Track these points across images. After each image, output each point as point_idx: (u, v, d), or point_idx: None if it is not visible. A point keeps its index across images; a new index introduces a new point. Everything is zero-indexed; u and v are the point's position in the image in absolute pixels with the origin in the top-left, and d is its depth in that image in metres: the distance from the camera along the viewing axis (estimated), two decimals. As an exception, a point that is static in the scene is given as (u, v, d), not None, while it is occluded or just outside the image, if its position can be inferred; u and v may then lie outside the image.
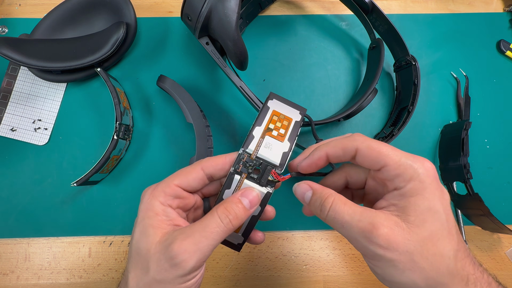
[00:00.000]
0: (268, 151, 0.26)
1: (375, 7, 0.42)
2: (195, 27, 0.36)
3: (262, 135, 0.26)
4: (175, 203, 0.26)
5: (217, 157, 0.27)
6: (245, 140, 0.26)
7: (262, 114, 0.27)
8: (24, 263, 0.40)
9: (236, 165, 0.26)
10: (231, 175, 0.26)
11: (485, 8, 0.49)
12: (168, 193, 0.25)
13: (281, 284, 0.41)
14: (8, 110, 0.43)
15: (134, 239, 0.25)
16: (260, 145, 0.26)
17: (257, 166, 0.26)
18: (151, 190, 0.26)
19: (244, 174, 0.26)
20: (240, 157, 0.26)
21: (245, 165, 0.26)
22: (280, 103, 0.28)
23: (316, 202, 0.24)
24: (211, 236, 0.23)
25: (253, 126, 0.27)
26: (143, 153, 0.43)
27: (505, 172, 0.44)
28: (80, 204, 0.42)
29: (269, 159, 0.26)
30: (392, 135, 0.40)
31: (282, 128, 0.27)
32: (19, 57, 0.38)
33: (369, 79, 0.42)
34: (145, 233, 0.24)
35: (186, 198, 0.27)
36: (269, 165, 0.26)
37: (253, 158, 0.26)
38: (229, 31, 0.34)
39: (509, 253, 0.42)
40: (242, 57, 0.36)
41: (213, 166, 0.26)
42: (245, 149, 0.26)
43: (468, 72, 0.46)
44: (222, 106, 0.45)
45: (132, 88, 0.45)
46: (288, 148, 0.26)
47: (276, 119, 0.27)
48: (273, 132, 0.27)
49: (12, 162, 0.42)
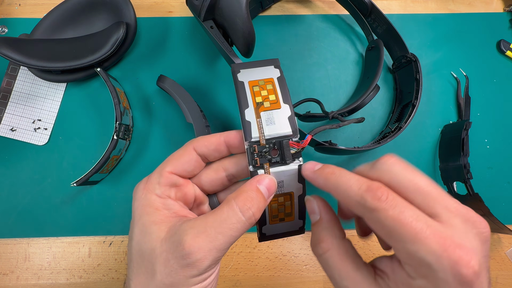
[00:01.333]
0: (272, 126, 0.23)
1: (374, 7, 0.42)
2: (202, 6, 0.35)
3: (256, 114, 0.23)
4: (173, 193, 0.23)
5: (210, 136, 0.24)
6: (243, 130, 0.23)
7: (241, 93, 0.23)
8: (24, 263, 0.40)
9: (252, 161, 0.22)
10: (253, 173, 0.22)
11: (485, 8, 0.49)
12: (163, 183, 0.23)
13: (281, 284, 0.41)
14: (8, 110, 0.43)
15: (133, 241, 0.22)
16: (262, 126, 0.23)
17: (272, 148, 0.23)
18: (143, 184, 0.23)
19: (266, 164, 0.22)
20: (250, 151, 0.22)
21: (261, 155, 0.22)
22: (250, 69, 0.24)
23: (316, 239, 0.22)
24: (229, 233, 0.20)
25: (241, 111, 0.23)
26: (143, 153, 0.43)
27: (505, 172, 0.44)
28: (80, 204, 0.41)
29: (279, 133, 0.23)
30: (400, 127, 0.40)
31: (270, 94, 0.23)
32: (19, 57, 0.38)
33: (369, 77, 0.42)
34: (147, 231, 0.21)
35: (184, 186, 0.24)
36: (283, 139, 0.23)
37: (263, 143, 0.22)
38: (239, 8, 0.33)
39: (509, 253, 0.42)
40: (250, 38, 0.35)
41: (206, 146, 0.24)
42: (249, 140, 0.22)
43: (468, 72, 0.46)
44: (222, 106, 0.45)
45: (132, 88, 0.45)
46: (290, 110, 0.23)
47: (259, 89, 0.23)
48: (265, 104, 0.23)
49: (12, 162, 0.42)
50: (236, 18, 0.34)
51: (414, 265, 0.17)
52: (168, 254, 0.20)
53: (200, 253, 0.19)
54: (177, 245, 0.19)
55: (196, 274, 0.20)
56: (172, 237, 0.20)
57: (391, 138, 0.39)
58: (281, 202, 0.24)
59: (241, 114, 0.23)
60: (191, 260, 0.19)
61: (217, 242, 0.19)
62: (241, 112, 0.23)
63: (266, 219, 0.24)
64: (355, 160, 0.44)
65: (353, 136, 0.44)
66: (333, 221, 0.22)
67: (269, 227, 0.24)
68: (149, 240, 0.21)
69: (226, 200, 0.21)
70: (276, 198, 0.23)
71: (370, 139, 0.44)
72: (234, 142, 0.24)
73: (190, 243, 0.19)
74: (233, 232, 0.20)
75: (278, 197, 0.23)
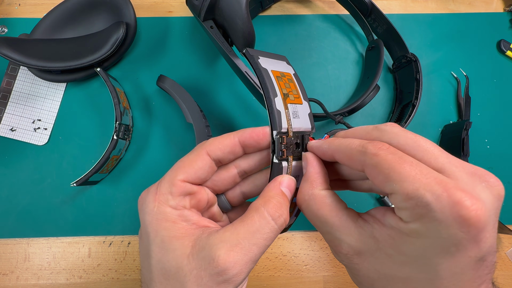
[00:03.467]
0: (297, 120, 0.22)
1: (374, 7, 0.42)
2: (202, 6, 0.35)
3: (285, 105, 0.22)
4: (188, 202, 0.21)
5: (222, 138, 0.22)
6: (271, 120, 0.21)
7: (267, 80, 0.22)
8: (24, 263, 0.40)
9: (278, 152, 0.21)
10: (278, 165, 0.21)
11: (485, 8, 0.49)
12: (176, 193, 0.21)
13: (281, 284, 0.41)
14: (7, 110, 0.43)
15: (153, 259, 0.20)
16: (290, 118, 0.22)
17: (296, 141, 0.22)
18: (153, 195, 0.21)
19: (290, 157, 0.22)
20: (279, 141, 0.21)
21: (288, 147, 0.22)
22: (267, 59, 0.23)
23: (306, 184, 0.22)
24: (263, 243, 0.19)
25: (268, 99, 0.21)
26: (143, 153, 0.43)
27: (505, 172, 0.44)
28: (79, 204, 0.41)
29: (303, 127, 0.22)
30: None
31: (292, 88, 0.23)
32: (19, 57, 0.38)
33: (369, 77, 0.42)
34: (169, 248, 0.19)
35: (198, 193, 0.22)
36: (305, 134, 0.23)
37: (291, 135, 0.22)
38: (239, 8, 0.33)
39: (509, 253, 0.42)
40: (250, 38, 0.35)
41: (220, 150, 0.22)
42: (279, 129, 0.21)
43: (468, 72, 0.46)
44: (222, 106, 0.45)
45: (132, 88, 0.45)
46: (309, 108, 0.23)
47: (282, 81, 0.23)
48: (290, 97, 0.22)
49: (11, 162, 0.42)
50: (236, 18, 0.34)
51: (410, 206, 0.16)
52: (199, 272, 0.18)
53: (236, 268, 0.18)
54: (209, 261, 0.18)
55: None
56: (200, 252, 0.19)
57: (391, 138, 0.39)
58: None
59: (268, 102, 0.21)
60: (228, 276, 0.18)
61: (252, 254, 0.18)
62: (269, 100, 0.21)
63: None
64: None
65: (353, 136, 0.44)
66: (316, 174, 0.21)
67: None
68: (173, 257, 0.19)
69: (254, 207, 0.20)
70: None
71: (370, 139, 0.44)
72: (250, 141, 0.22)
73: (224, 259, 0.18)
74: (268, 241, 0.19)
75: None
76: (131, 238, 0.41)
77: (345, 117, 0.43)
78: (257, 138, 0.22)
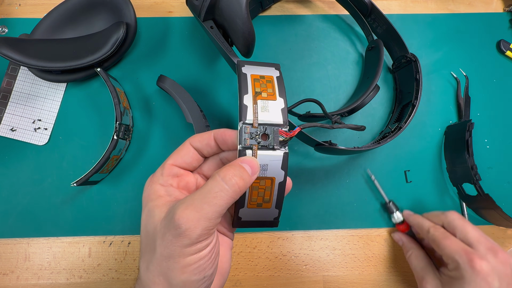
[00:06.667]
0: (266, 114, 0.25)
1: (374, 7, 0.42)
2: (202, 6, 0.35)
3: (254, 100, 0.25)
4: (176, 182, 0.26)
5: (204, 133, 0.27)
6: (239, 113, 0.24)
7: (243, 82, 0.25)
8: (24, 263, 0.40)
9: (242, 141, 0.24)
10: (241, 152, 0.24)
11: (485, 8, 0.49)
12: (165, 174, 0.26)
13: (281, 284, 0.41)
14: (8, 110, 0.43)
15: (142, 225, 0.25)
16: (257, 111, 0.25)
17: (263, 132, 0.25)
18: (150, 177, 0.26)
19: (255, 146, 0.24)
20: (242, 131, 0.24)
21: (251, 136, 0.24)
22: (253, 66, 0.27)
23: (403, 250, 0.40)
24: (213, 201, 0.22)
25: (240, 96, 0.25)
26: (143, 153, 0.43)
27: (505, 172, 0.44)
28: (80, 204, 0.42)
29: (272, 120, 0.25)
30: (400, 128, 0.40)
31: (268, 87, 0.26)
32: (19, 57, 0.38)
33: (369, 77, 0.42)
34: (151, 214, 0.24)
35: (185, 175, 0.27)
36: (274, 126, 0.25)
37: (256, 126, 0.24)
38: (239, 9, 0.33)
39: (509, 253, 0.42)
40: (250, 38, 0.35)
41: (199, 141, 0.26)
42: (244, 121, 0.24)
43: (468, 72, 0.46)
44: (222, 106, 0.45)
45: (132, 88, 0.45)
46: (284, 103, 0.25)
47: (259, 82, 0.26)
48: (262, 94, 0.25)
49: (12, 162, 0.42)
50: (236, 18, 0.34)
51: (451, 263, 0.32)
52: (164, 229, 0.22)
53: (188, 223, 0.21)
54: (170, 219, 0.22)
55: (188, 243, 0.21)
56: (168, 215, 0.23)
57: (391, 138, 0.39)
58: (262, 186, 0.25)
59: (240, 98, 0.25)
60: (182, 230, 0.21)
61: (203, 211, 0.21)
62: (240, 97, 0.25)
63: (245, 201, 0.25)
64: (355, 160, 0.44)
65: (353, 136, 0.44)
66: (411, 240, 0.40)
67: (246, 211, 0.26)
68: (152, 221, 0.23)
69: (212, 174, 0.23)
70: (258, 180, 0.25)
71: (370, 139, 0.44)
72: (219, 137, 0.26)
73: (179, 215, 0.21)
74: (217, 200, 0.22)
75: (260, 179, 0.25)
76: (131, 238, 0.41)
77: (345, 117, 0.43)
78: (224, 136, 0.26)
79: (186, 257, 0.22)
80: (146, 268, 0.23)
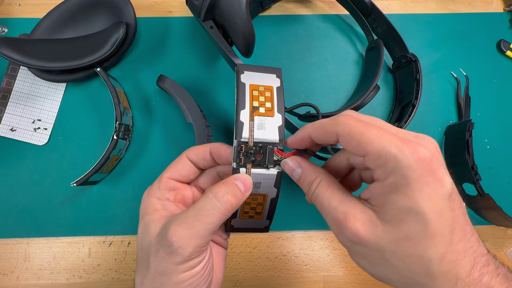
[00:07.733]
0: (263, 131, 0.24)
1: (374, 7, 0.42)
2: (202, 6, 0.35)
3: (251, 117, 0.24)
4: (172, 196, 0.26)
5: (200, 146, 0.27)
6: (235, 129, 0.24)
7: (241, 95, 0.25)
8: (24, 263, 0.40)
9: (237, 159, 0.24)
10: (235, 170, 0.24)
11: (485, 8, 0.49)
12: (162, 187, 0.26)
13: (281, 284, 0.41)
14: (7, 110, 0.43)
15: (138, 239, 0.25)
16: (253, 129, 0.24)
17: (258, 151, 0.24)
18: (148, 190, 0.26)
19: (249, 165, 0.24)
20: (238, 149, 0.24)
21: (246, 155, 0.24)
22: (253, 73, 0.26)
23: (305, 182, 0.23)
24: (205, 219, 0.22)
25: (236, 111, 0.24)
26: (143, 153, 0.43)
27: (505, 172, 0.44)
28: (80, 204, 0.41)
29: (267, 139, 0.24)
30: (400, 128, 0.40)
31: (267, 101, 0.25)
32: (19, 57, 0.38)
33: (369, 77, 0.42)
34: (146, 228, 0.24)
35: (182, 189, 0.27)
36: (269, 145, 0.25)
37: (251, 145, 0.24)
38: (239, 8, 0.33)
39: (509, 253, 0.42)
40: (250, 38, 0.35)
41: (195, 154, 0.27)
42: (239, 139, 0.24)
43: (468, 72, 0.46)
44: (222, 106, 0.45)
45: (132, 88, 0.45)
46: (281, 121, 0.25)
47: (257, 94, 0.25)
48: (260, 109, 0.25)
49: (11, 162, 0.42)
50: (236, 18, 0.34)
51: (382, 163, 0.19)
52: (157, 245, 0.22)
53: (180, 240, 0.21)
54: (163, 236, 0.22)
55: (180, 260, 0.21)
56: (162, 231, 0.23)
57: (391, 138, 0.39)
58: (255, 201, 0.26)
59: (236, 113, 0.24)
60: (174, 248, 0.21)
61: (195, 229, 0.21)
62: (237, 112, 0.24)
63: (237, 213, 0.26)
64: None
65: (353, 136, 0.44)
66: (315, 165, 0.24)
67: (238, 221, 0.27)
68: (147, 236, 0.24)
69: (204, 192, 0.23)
70: (251, 196, 0.25)
71: (370, 139, 0.44)
72: (215, 152, 0.26)
73: (172, 233, 0.21)
74: (209, 218, 0.22)
75: (253, 195, 0.25)
76: (131, 238, 0.41)
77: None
78: (220, 151, 0.26)
79: (179, 274, 0.22)
80: (141, 283, 0.23)
